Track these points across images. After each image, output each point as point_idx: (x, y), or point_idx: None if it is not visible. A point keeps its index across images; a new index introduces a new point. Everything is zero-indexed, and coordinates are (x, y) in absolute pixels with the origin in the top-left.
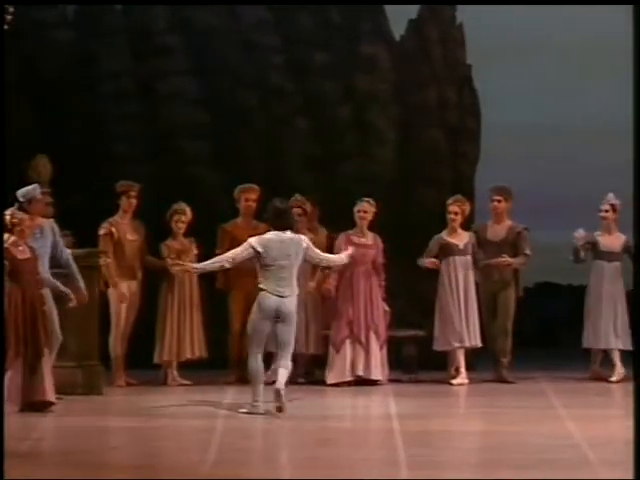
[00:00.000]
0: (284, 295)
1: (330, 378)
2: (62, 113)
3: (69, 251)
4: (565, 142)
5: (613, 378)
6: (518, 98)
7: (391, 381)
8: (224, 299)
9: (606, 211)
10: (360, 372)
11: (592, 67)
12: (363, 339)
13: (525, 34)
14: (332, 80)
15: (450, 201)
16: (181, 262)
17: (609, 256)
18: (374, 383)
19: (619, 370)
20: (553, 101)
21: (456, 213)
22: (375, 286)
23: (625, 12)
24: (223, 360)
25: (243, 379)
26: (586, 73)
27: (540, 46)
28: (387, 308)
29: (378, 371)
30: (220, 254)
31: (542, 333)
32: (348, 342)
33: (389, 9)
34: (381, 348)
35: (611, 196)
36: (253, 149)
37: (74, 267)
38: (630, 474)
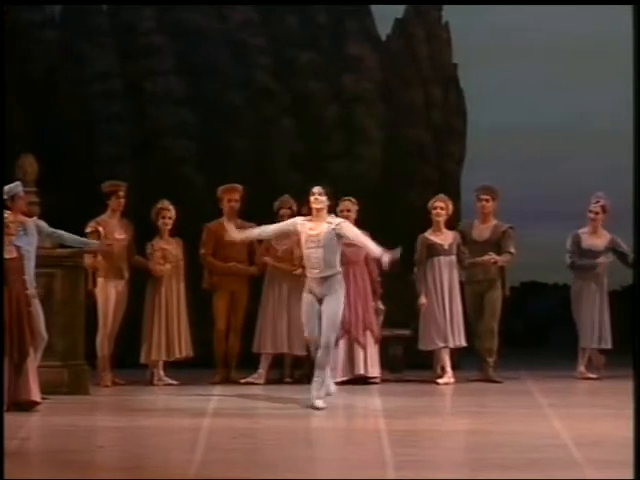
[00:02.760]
0: (323, 276)
1: None
2: (49, 113)
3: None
4: (552, 142)
5: (594, 375)
6: (504, 98)
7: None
8: (209, 299)
9: (596, 213)
10: (360, 371)
11: (579, 68)
12: (361, 338)
13: (511, 34)
14: (318, 80)
15: (433, 200)
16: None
17: (593, 255)
18: (366, 381)
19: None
20: (540, 101)
21: (442, 208)
22: (368, 284)
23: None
24: (209, 359)
25: (228, 378)
26: (573, 74)
27: (527, 46)
28: (382, 306)
29: (375, 369)
30: (205, 254)
31: (529, 332)
32: (342, 342)
33: (375, 9)
34: (375, 346)
35: (601, 195)
36: (240, 149)
37: (72, 237)
38: (617, 473)
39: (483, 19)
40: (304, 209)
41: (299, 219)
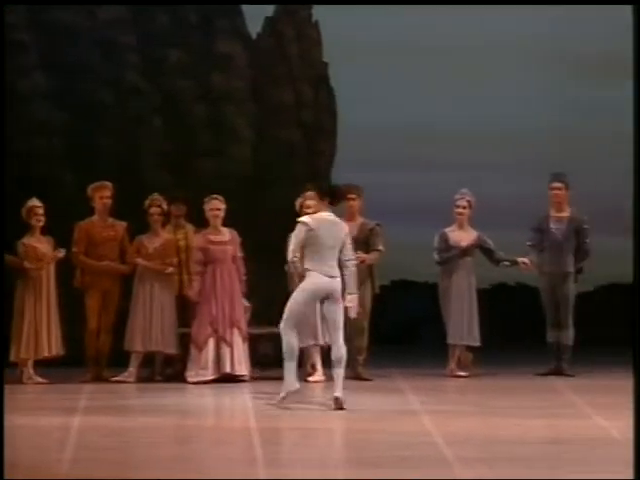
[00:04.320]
0: (333, 275)
1: (192, 376)
2: None
3: None
4: (422, 142)
5: (462, 373)
6: (376, 97)
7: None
8: (81, 297)
9: (464, 207)
10: (227, 369)
11: (454, 68)
12: (227, 337)
13: (384, 33)
14: (188, 78)
15: (301, 198)
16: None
17: (460, 252)
18: (237, 380)
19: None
20: (409, 101)
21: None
22: (236, 282)
23: (495, 11)
24: (80, 358)
25: (99, 377)
26: (446, 74)
27: (397, 46)
28: (247, 304)
29: (243, 367)
30: (77, 252)
31: (399, 330)
32: (211, 340)
33: (246, 8)
34: (243, 343)
35: (466, 192)
36: (109, 147)
37: None
38: (482, 472)
39: (355, 18)
40: (174, 207)
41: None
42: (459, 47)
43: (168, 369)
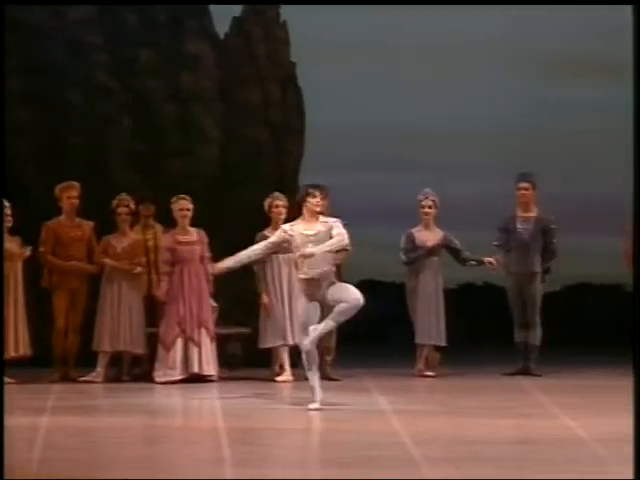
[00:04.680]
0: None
1: (160, 376)
2: None
3: None
4: (391, 142)
5: (430, 373)
6: (344, 97)
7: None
8: (49, 297)
9: (429, 207)
10: (195, 369)
11: (420, 68)
12: (195, 337)
13: (350, 34)
14: (157, 78)
15: (270, 198)
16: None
17: (427, 251)
18: (205, 380)
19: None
20: (376, 101)
21: (284, 207)
22: (204, 282)
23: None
24: (48, 358)
25: (67, 377)
26: (414, 74)
27: (365, 46)
28: (214, 304)
29: (211, 367)
30: (44, 252)
31: (367, 330)
32: (179, 340)
33: (214, 8)
34: (211, 343)
35: (429, 192)
36: (78, 147)
37: None
38: (455, 472)
39: (323, 18)
40: (143, 207)
41: (286, 227)
42: (427, 47)
43: (136, 369)
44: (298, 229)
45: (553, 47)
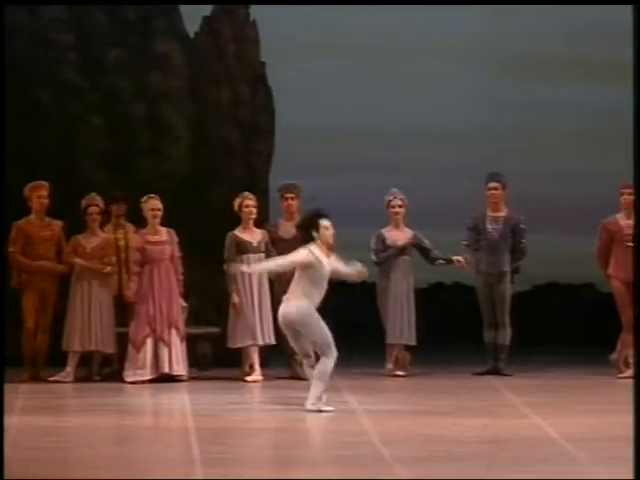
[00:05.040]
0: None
1: (130, 376)
2: None
3: None
4: (362, 142)
5: (400, 372)
6: (312, 97)
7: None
8: (18, 297)
9: (399, 207)
10: (165, 369)
11: (390, 68)
12: (165, 336)
13: (320, 34)
14: (126, 77)
15: (240, 198)
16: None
17: (398, 251)
18: (175, 380)
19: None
20: (345, 101)
21: (255, 206)
22: (174, 282)
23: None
24: (17, 358)
25: (37, 377)
26: (384, 74)
27: (335, 46)
28: (184, 303)
29: (181, 367)
30: (14, 252)
31: (338, 330)
32: (149, 340)
33: (183, 7)
34: (181, 343)
35: (396, 191)
36: (47, 146)
37: None
38: (426, 472)
39: (293, 18)
40: (115, 207)
41: (314, 250)
42: (396, 47)
43: (106, 369)
44: (322, 258)
45: (521, 46)
